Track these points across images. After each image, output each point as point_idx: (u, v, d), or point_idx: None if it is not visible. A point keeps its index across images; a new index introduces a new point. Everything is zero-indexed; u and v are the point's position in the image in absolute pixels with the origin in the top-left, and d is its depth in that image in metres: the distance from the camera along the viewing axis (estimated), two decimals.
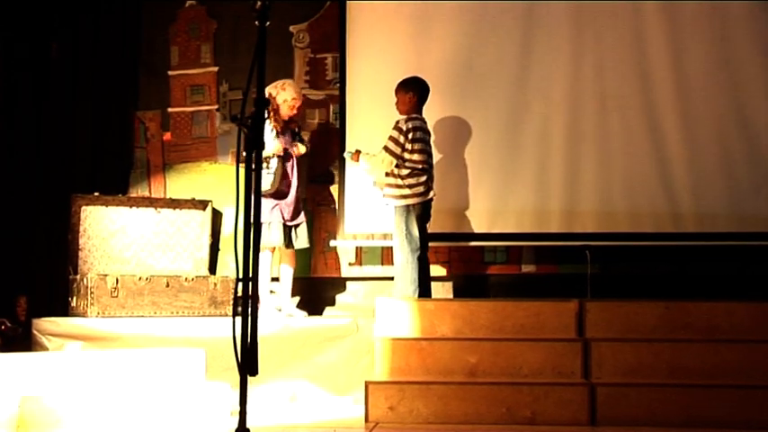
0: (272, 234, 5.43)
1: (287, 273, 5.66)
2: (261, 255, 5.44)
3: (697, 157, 5.82)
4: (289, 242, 5.55)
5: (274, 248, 5.57)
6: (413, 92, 5.43)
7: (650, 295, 5.41)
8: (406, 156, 5.34)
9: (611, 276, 5.84)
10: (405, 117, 5.40)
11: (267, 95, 5.53)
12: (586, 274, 5.73)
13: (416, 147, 5.35)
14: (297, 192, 5.58)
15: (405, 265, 5.32)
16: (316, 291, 6.12)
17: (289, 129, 5.65)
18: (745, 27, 5.86)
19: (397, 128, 5.37)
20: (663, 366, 4.59)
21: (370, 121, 5.93)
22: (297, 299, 5.84)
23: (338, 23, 6.14)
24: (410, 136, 5.34)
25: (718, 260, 5.84)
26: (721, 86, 5.85)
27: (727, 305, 4.84)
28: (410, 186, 5.34)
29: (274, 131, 5.50)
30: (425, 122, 5.46)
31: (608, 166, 5.87)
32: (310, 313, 5.71)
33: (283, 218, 5.49)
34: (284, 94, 5.56)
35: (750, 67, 5.84)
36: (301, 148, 5.66)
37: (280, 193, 5.50)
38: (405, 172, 5.35)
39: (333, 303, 6.15)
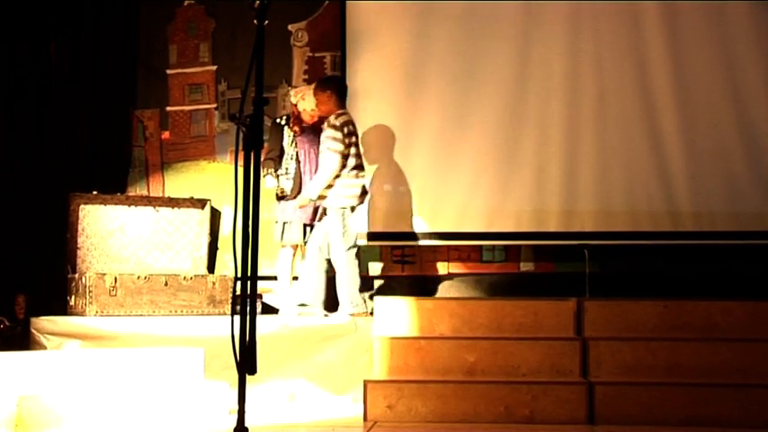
0: (292, 232, 5.48)
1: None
2: (282, 251, 5.55)
3: (695, 156, 5.82)
4: None
5: (296, 246, 5.58)
6: (330, 90, 5.32)
7: (648, 294, 5.42)
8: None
9: (610, 275, 5.84)
10: (334, 114, 5.28)
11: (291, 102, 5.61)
12: (585, 273, 5.73)
13: (352, 141, 5.28)
14: None
15: (348, 263, 5.23)
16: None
17: (313, 130, 5.61)
18: (745, 27, 5.85)
19: (331, 126, 5.24)
20: (661, 365, 4.60)
21: (369, 119, 5.93)
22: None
23: (337, 22, 6.14)
24: (345, 131, 5.24)
25: (716, 259, 5.84)
26: (720, 86, 5.84)
27: (724, 304, 4.86)
28: (346, 186, 5.24)
29: (291, 136, 5.55)
30: (352, 117, 5.37)
31: (606, 165, 5.86)
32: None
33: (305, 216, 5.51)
34: (303, 104, 5.57)
35: (749, 67, 5.83)
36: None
37: (299, 193, 5.50)
38: (344, 171, 5.24)
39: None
